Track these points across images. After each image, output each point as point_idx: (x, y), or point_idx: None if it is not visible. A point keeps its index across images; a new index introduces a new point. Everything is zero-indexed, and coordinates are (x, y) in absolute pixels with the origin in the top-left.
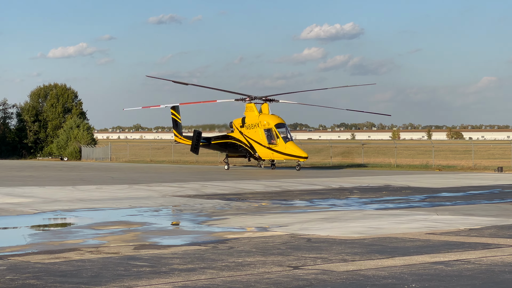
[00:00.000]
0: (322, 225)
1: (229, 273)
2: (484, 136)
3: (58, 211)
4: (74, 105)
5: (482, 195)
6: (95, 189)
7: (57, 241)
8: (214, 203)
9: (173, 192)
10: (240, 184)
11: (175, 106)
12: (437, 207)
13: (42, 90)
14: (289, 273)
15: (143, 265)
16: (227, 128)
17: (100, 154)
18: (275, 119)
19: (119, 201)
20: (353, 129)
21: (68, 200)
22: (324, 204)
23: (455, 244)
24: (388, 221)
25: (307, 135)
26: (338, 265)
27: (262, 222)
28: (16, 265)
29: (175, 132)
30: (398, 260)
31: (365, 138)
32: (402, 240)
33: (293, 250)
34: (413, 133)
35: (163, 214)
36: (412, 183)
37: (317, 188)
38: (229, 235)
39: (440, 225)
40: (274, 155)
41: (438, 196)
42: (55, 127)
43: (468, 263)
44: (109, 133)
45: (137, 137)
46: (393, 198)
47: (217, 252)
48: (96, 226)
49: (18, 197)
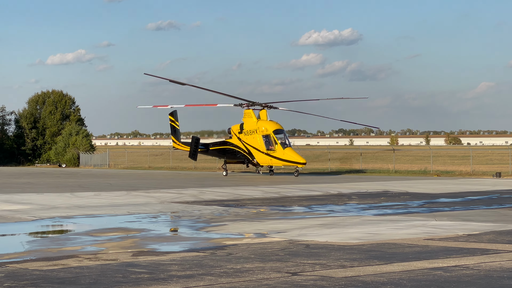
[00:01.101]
0: (320, 231)
1: (227, 280)
2: (482, 142)
3: (56, 218)
4: (72, 111)
5: (480, 201)
6: (94, 195)
7: (55, 248)
8: (212, 209)
9: (171, 199)
10: (238, 190)
11: (173, 112)
12: (436, 213)
13: (40, 97)
14: (288, 279)
15: (142, 271)
16: (226, 134)
17: (98, 160)
18: (273, 125)
19: (117, 208)
20: (351, 135)
21: (66, 207)
22: (323, 210)
23: (454, 249)
24: (387, 227)
25: (306, 141)
26: (337, 271)
27: (260, 228)
28: (14, 272)
29: (174, 138)
30: (397, 266)
31: (363, 144)
32: (400, 246)
33: (291, 256)
34: (411, 139)
35: (162, 221)
36: (410, 188)
37: (316, 194)
38: (228, 242)
39: (439, 231)
40: (273, 161)
41: (436, 201)
42: (53, 134)
43: (467, 269)
44: (107, 139)
45: (135, 143)
46: (391, 204)
47: (215, 258)
48: (95, 233)
49: (16, 204)
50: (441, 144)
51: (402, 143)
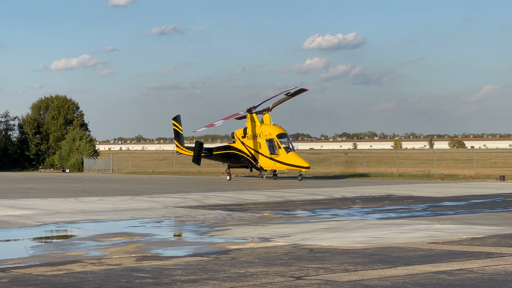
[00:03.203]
0: (324, 235)
1: (231, 284)
2: (486, 145)
3: (60, 223)
4: (75, 116)
5: (484, 204)
6: (97, 200)
7: (59, 253)
8: (216, 214)
9: (175, 203)
10: (242, 194)
11: (177, 117)
12: (440, 216)
13: (43, 102)
14: (292, 283)
15: (146, 276)
16: (229, 139)
17: (102, 165)
18: (276, 129)
19: (121, 213)
20: (355, 139)
21: (70, 212)
22: (326, 214)
23: (458, 253)
24: (391, 231)
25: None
26: (341, 275)
27: (264, 233)
28: (18, 277)
29: (177, 143)
30: (401, 270)
31: (367, 148)
32: (404, 249)
33: (295, 261)
34: (415, 142)
35: (165, 225)
36: (414, 192)
37: (319, 198)
38: (232, 246)
39: (443, 234)
40: (276, 165)
41: (440, 205)
42: (57, 139)
43: (471, 272)
44: (111, 144)
45: (139, 148)
46: (395, 208)
47: (219, 263)
48: (98, 238)
49: (20, 209)
50: (445, 148)
51: (405, 147)
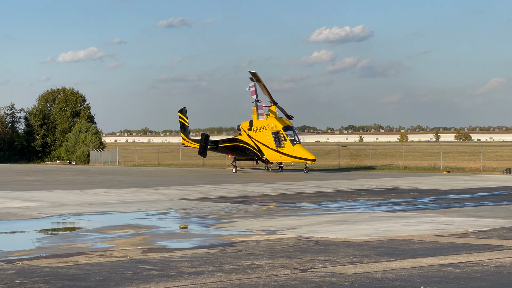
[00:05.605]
0: (330, 227)
1: (237, 276)
2: (493, 138)
3: (66, 215)
4: (82, 109)
5: (490, 197)
6: (103, 192)
7: (65, 245)
8: (222, 206)
9: (181, 196)
10: (248, 187)
11: (183, 109)
12: (446, 209)
13: (50, 94)
14: (298, 276)
15: (152, 268)
16: (235, 131)
17: (108, 157)
18: (282, 122)
19: (127, 205)
20: (361, 131)
21: (76, 204)
22: (332, 206)
23: (464, 246)
24: (397, 223)
25: (315, 137)
26: (347, 267)
27: (270, 225)
28: (24, 269)
29: (183, 135)
30: (407, 262)
31: (373, 141)
32: (410, 242)
33: (301, 253)
34: (421, 135)
35: (171, 218)
36: (420, 185)
37: (325, 191)
38: (237, 238)
39: (449, 227)
40: (282, 158)
41: (446, 198)
42: (64, 130)
43: (477, 265)
44: (117, 136)
45: (145, 140)
46: (401, 200)
47: (225, 255)
48: (104, 230)
49: (26, 201)
50: (451, 140)
51: (412, 140)
